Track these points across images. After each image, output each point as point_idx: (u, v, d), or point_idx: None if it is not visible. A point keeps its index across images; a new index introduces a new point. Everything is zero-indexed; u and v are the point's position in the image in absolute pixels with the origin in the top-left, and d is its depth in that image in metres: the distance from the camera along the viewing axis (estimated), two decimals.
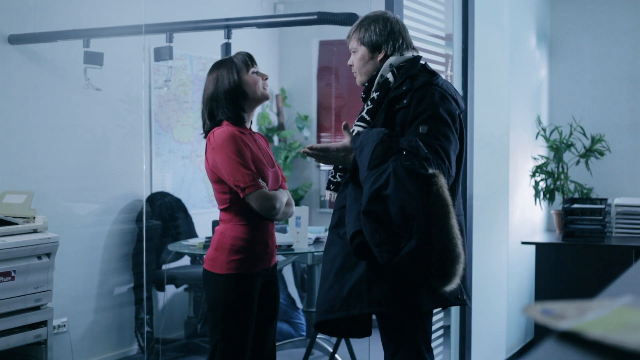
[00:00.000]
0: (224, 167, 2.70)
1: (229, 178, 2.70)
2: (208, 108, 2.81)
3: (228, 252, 2.74)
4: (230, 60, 2.84)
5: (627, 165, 5.08)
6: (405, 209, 2.16)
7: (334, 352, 4.30)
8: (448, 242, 2.18)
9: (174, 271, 4.90)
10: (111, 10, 4.60)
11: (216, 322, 2.78)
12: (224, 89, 2.78)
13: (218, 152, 2.71)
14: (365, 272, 2.35)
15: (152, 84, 5.05)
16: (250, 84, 2.80)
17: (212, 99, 2.80)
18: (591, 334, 0.72)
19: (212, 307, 2.80)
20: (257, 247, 2.78)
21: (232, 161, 2.69)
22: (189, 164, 5.38)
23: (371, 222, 2.20)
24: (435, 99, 2.36)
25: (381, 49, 2.51)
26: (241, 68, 2.80)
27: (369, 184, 2.23)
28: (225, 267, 2.74)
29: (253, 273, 2.77)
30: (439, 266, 2.20)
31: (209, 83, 2.82)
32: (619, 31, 5.14)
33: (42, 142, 4.24)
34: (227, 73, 2.79)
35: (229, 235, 2.76)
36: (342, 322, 2.49)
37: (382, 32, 2.51)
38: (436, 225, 2.18)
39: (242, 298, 2.76)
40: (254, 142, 2.83)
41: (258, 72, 2.85)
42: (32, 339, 3.39)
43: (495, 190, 4.35)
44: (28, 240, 3.33)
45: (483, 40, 3.93)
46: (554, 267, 4.53)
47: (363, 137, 2.35)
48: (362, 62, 2.55)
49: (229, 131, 2.73)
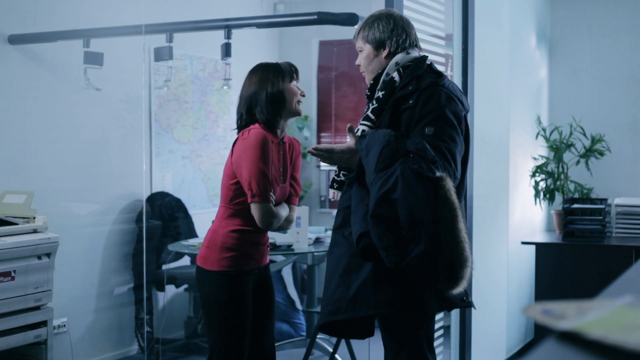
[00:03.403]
0: (246, 167, 2.71)
1: (246, 178, 2.71)
2: (247, 105, 2.82)
3: (220, 249, 2.76)
4: (278, 67, 2.85)
5: (627, 165, 5.08)
6: (414, 212, 2.15)
7: (334, 352, 4.30)
8: (456, 246, 2.18)
9: (174, 271, 4.89)
10: (111, 10, 4.59)
11: (212, 322, 2.80)
12: (268, 91, 2.79)
13: (247, 150, 2.71)
14: (371, 274, 2.34)
15: (152, 84, 5.05)
16: (290, 94, 2.82)
17: (253, 97, 2.80)
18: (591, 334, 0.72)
19: (207, 305, 2.82)
20: (249, 246, 2.79)
21: (256, 165, 2.69)
22: (189, 164, 5.38)
23: (379, 226, 2.19)
24: (441, 100, 2.36)
25: (385, 45, 2.51)
26: (287, 77, 2.82)
27: (376, 187, 2.22)
28: (217, 264, 2.75)
29: (245, 271, 2.79)
30: (447, 270, 2.19)
31: (251, 82, 2.83)
32: (618, 31, 5.14)
33: (42, 142, 4.24)
34: (274, 77, 2.80)
35: (221, 233, 2.77)
36: (346, 323, 2.48)
37: (385, 28, 2.51)
38: (444, 229, 2.17)
39: (235, 296, 2.77)
40: (277, 153, 2.84)
41: (298, 87, 2.87)
42: (32, 339, 3.39)
43: (495, 190, 4.35)
44: (28, 240, 3.33)
45: (483, 40, 3.93)
46: (554, 267, 4.53)
47: (369, 138, 2.34)
48: (367, 60, 2.54)
49: (264, 134, 2.74)
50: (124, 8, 4.58)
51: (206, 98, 5.53)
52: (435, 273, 2.21)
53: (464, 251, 2.18)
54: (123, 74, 4.71)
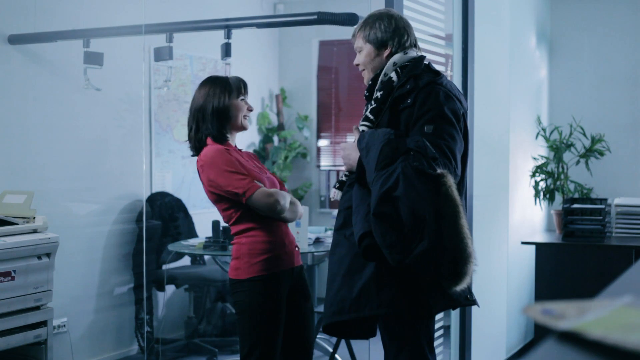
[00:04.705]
0: (219, 180, 2.73)
1: (227, 189, 2.72)
2: (195, 119, 2.86)
3: (248, 256, 2.76)
4: (225, 81, 2.88)
5: (627, 165, 5.08)
6: (416, 210, 2.15)
7: (334, 352, 4.30)
8: (459, 242, 2.18)
9: (174, 271, 4.89)
10: (111, 10, 4.60)
11: (246, 327, 2.78)
12: (214, 105, 2.82)
13: (210, 167, 2.76)
14: (374, 274, 2.34)
15: (152, 84, 5.05)
16: (235, 110, 2.84)
17: (199, 111, 2.84)
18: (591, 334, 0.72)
19: (241, 312, 2.79)
20: (275, 248, 2.79)
21: (225, 172, 2.72)
22: (189, 164, 5.38)
23: (381, 224, 2.19)
24: (440, 98, 2.36)
25: (387, 45, 2.51)
26: (233, 91, 2.85)
27: (378, 185, 2.22)
28: (247, 271, 2.75)
29: (277, 273, 2.78)
30: (451, 266, 2.20)
31: (199, 95, 2.86)
32: (618, 31, 5.14)
33: (42, 142, 4.24)
34: (220, 92, 2.84)
35: (245, 242, 2.78)
36: (349, 324, 2.48)
37: (387, 29, 2.51)
38: (447, 226, 2.17)
39: (269, 299, 2.76)
40: (240, 156, 2.85)
41: (246, 102, 2.90)
42: (32, 339, 3.39)
43: (495, 190, 4.35)
44: (28, 240, 3.33)
45: (483, 40, 3.93)
46: (554, 267, 4.53)
47: (369, 137, 2.35)
48: (368, 58, 2.54)
49: (216, 147, 2.79)
50: (123, 8, 4.58)
51: None
52: (439, 270, 2.21)
53: (467, 247, 2.18)
54: (123, 74, 4.71)
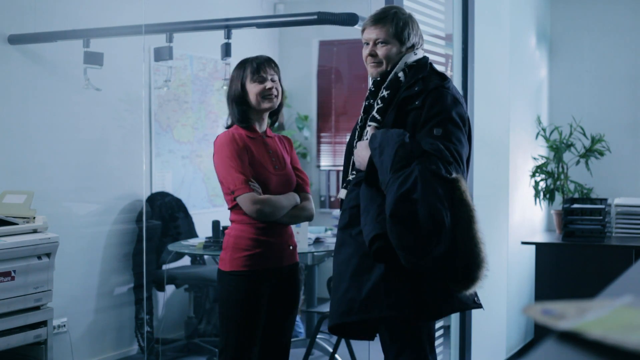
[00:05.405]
0: (219, 170, 2.79)
1: (222, 181, 2.78)
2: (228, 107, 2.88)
3: (232, 250, 2.77)
4: (243, 65, 2.84)
5: (627, 165, 5.08)
6: (435, 213, 2.15)
7: (334, 352, 4.30)
8: (473, 247, 2.18)
9: (174, 271, 4.89)
10: (111, 10, 4.60)
11: (223, 320, 2.81)
12: (230, 94, 2.84)
13: (216, 154, 2.79)
14: (382, 275, 2.32)
15: (152, 84, 5.05)
16: (250, 94, 2.81)
17: (227, 99, 2.88)
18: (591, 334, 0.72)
19: (220, 304, 2.84)
20: (261, 245, 2.78)
21: (226, 165, 2.74)
22: (189, 164, 5.38)
23: (398, 226, 2.18)
24: (448, 102, 2.36)
25: (414, 47, 2.52)
26: (247, 75, 2.80)
27: (395, 186, 2.20)
28: (230, 264, 2.77)
29: (259, 271, 2.77)
30: (464, 271, 2.19)
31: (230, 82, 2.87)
32: (618, 31, 5.14)
33: (42, 142, 4.24)
34: (235, 77, 2.83)
35: (233, 234, 2.80)
36: (354, 324, 2.46)
37: (417, 32, 2.53)
38: (461, 230, 2.18)
39: (248, 295, 2.76)
40: (262, 145, 2.83)
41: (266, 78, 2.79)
42: (32, 339, 3.39)
43: (495, 190, 4.35)
44: (28, 240, 3.33)
45: (483, 40, 3.93)
46: (554, 267, 4.53)
47: (382, 138, 2.32)
48: (392, 54, 2.49)
49: (229, 135, 2.78)
50: (123, 8, 4.58)
51: (206, 98, 5.53)
52: (451, 274, 2.21)
53: (480, 252, 2.19)
54: (123, 74, 4.71)
